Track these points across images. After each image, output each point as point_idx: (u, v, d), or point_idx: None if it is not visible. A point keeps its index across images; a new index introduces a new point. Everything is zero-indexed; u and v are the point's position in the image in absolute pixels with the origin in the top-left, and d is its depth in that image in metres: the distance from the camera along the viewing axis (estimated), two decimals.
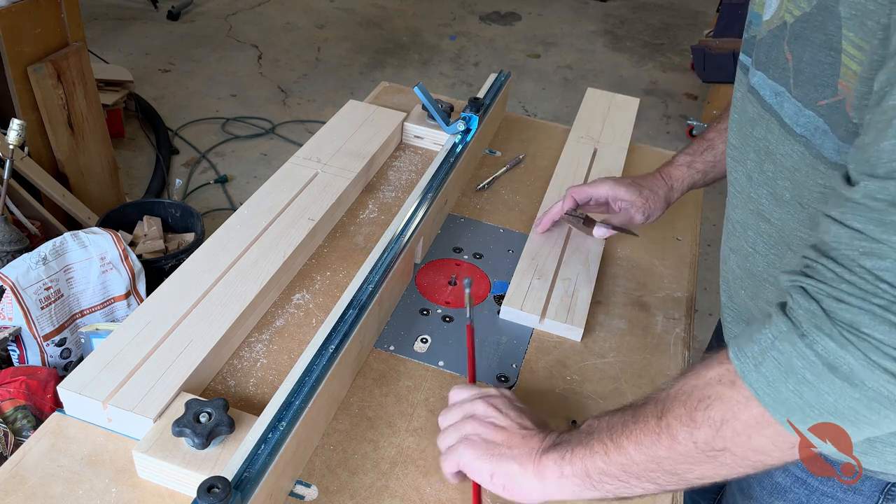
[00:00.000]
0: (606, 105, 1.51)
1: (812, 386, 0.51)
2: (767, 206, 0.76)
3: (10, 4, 1.99)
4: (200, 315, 0.87)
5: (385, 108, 1.37)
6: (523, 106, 3.82)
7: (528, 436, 0.70)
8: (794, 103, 0.67)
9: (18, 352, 1.71)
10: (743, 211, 0.82)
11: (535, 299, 1.00)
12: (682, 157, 1.06)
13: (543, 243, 1.11)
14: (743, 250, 0.83)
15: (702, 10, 5.12)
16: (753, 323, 0.57)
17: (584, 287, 1.04)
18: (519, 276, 1.04)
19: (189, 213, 2.29)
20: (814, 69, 0.62)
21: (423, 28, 4.62)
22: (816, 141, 0.64)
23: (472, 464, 0.70)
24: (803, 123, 0.66)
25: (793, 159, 0.69)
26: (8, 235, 1.86)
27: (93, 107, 2.36)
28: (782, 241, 0.75)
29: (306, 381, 0.77)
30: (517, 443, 0.69)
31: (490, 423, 0.72)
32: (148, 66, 3.82)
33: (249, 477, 0.67)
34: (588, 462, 0.64)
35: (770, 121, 0.72)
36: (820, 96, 0.62)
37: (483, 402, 0.74)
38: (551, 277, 1.05)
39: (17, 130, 1.88)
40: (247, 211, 1.06)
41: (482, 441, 0.71)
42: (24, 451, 0.74)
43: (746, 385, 0.54)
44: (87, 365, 0.79)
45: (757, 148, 0.76)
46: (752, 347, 0.55)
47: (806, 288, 0.52)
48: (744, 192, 0.81)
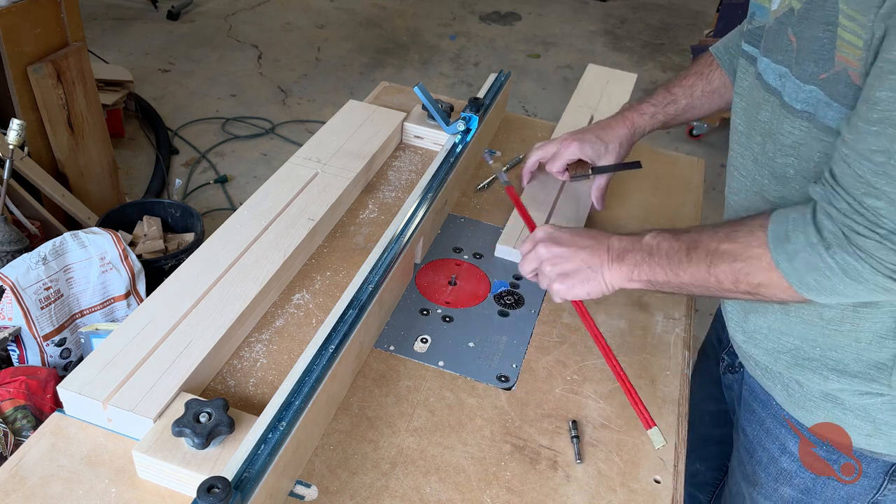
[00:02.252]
0: (605, 79, 1.60)
1: (829, 279, 0.69)
2: (768, 187, 0.80)
3: (10, 4, 1.99)
4: (200, 315, 0.87)
5: (385, 108, 1.37)
6: (523, 106, 3.82)
7: (593, 251, 0.87)
8: (795, 82, 0.72)
9: (18, 352, 1.71)
10: (746, 195, 0.85)
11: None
12: (647, 107, 1.12)
13: (539, 191, 1.22)
14: None
15: (702, 10, 5.12)
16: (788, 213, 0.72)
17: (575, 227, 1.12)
18: (514, 220, 1.15)
19: (189, 213, 2.29)
20: (813, 45, 0.68)
21: (423, 28, 4.62)
22: (819, 113, 0.71)
23: (567, 292, 0.89)
24: (804, 99, 0.71)
25: (794, 136, 0.74)
26: (8, 235, 1.86)
27: (93, 107, 2.35)
28: None
29: (306, 381, 0.77)
30: (587, 261, 0.87)
31: (559, 259, 0.88)
32: (148, 66, 3.82)
33: (249, 477, 0.67)
34: (652, 276, 0.83)
35: (772, 102, 0.77)
36: (820, 70, 0.69)
37: (543, 247, 0.90)
38: (544, 220, 1.15)
39: (17, 130, 1.87)
40: (247, 211, 1.06)
41: (564, 275, 0.88)
42: (24, 451, 0.74)
43: (780, 271, 0.72)
44: (87, 365, 0.79)
45: (762, 131, 0.80)
46: (787, 246, 0.71)
47: (830, 213, 0.68)
48: (749, 175, 0.84)
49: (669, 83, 1.13)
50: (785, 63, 0.74)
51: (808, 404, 0.88)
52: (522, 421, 0.86)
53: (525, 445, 0.83)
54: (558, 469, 0.81)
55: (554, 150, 1.15)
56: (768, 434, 0.96)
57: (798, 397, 0.89)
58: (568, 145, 1.12)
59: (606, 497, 0.79)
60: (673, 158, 1.45)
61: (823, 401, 0.86)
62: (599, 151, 1.12)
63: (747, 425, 1.00)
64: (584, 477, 0.80)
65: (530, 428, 0.85)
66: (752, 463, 1.00)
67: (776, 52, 0.75)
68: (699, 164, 1.44)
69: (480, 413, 0.86)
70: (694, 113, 1.11)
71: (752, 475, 1.00)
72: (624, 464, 0.83)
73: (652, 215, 1.25)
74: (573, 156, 1.13)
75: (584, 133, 1.13)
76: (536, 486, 0.79)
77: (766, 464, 0.97)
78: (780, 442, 0.94)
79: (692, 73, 1.11)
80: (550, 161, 1.16)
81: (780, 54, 0.74)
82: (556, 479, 0.80)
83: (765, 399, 0.95)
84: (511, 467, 0.80)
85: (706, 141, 3.66)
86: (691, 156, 1.47)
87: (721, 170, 3.32)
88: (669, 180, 1.36)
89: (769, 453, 0.96)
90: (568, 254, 0.87)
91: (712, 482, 1.24)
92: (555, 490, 0.79)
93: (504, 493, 0.78)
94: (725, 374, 1.08)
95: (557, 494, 0.78)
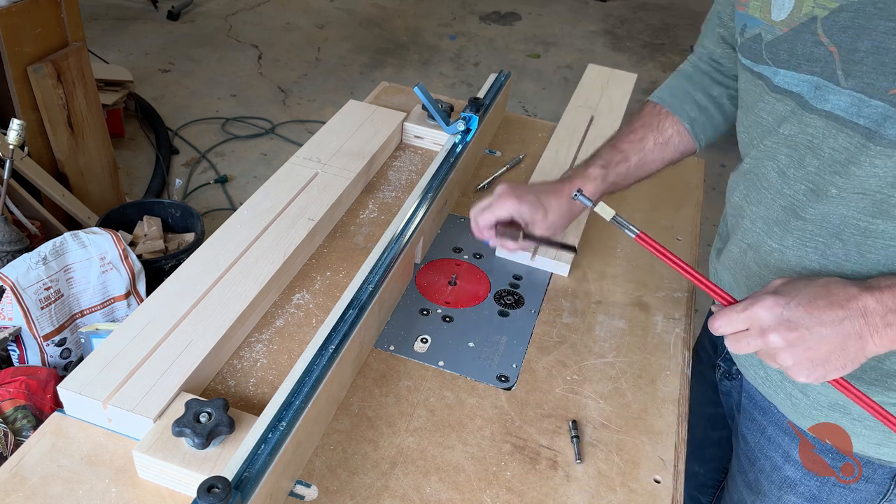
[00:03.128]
0: (605, 79, 1.61)
1: None
2: (804, 203, 0.76)
3: (10, 4, 1.99)
4: (200, 315, 0.87)
5: (385, 108, 1.37)
6: (523, 106, 3.82)
7: (845, 328, 0.67)
8: (851, 95, 0.67)
9: (18, 352, 1.71)
10: (769, 207, 0.81)
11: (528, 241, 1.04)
12: (596, 170, 0.99)
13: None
14: (764, 247, 0.82)
15: (702, 10, 5.12)
16: None
17: (574, 230, 1.14)
18: None
19: (189, 213, 2.29)
20: (880, 58, 0.64)
21: (423, 28, 4.62)
22: (888, 130, 0.66)
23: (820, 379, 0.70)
24: (867, 114, 0.67)
25: (849, 151, 0.70)
26: (8, 235, 1.86)
27: (93, 107, 2.35)
28: (825, 233, 0.75)
29: (306, 381, 0.77)
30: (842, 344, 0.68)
31: (803, 347, 0.68)
32: (148, 66, 3.82)
33: (249, 477, 0.67)
34: None
35: (809, 117, 0.72)
36: (891, 85, 0.64)
37: (776, 336, 0.69)
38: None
39: (17, 130, 1.87)
40: (247, 211, 1.06)
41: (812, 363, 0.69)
42: (24, 451, 0.74)
43: None
44: (87, 365, 0.79)
45: (790, 144, 0.76)
46: None
47: None
48: (773, 188, 0.79)
49: (615, 140, 1.02)
50: (824, 75, 0.69)
51: (813, 413, 0.86)
52: (522, 421, 0.86)
53: (525, 445, 0.83)
54: (558, 469, 0.81)
55: (487, 202, 0.98)
56: (770, 442, 0.95)
57: (803, 406, 0.87)
58: (503, 202, 0.96)
59: (606, 497, 0.79)
60: None
61: (830, 410, 0.84)
62: (535, 217, 0.96)
63: (748, 433, 0.98)
64: (584, 477, 0.80)
65: (530, 428, 0.85)
66: (753, 471, 0.99)
67: (803, 64, 0.71)
68: (699, 164, 1.44)
69: (480, 413, 0.86)
70: (646, 169, 1.02)
71: (754, 483, 0.99)
72: (624, 464, 0.83)
73: (652, 215, 1.25)
74: (506, 214, 0.97)
75: (523, 191, 0.98)
76: (536, 486, 0.79)
77: (768, 472, 0.96)
78: (784, 450, 0.93)
79: (638, 125, 1.02)
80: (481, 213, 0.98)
81: (810, 65, 0.70)
82: (556, 479, 0.80)
83: (765, 406, 0.94)
84: (511, 467, 0.80)
85: None
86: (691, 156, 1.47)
87: (721, 170, 3.32)
88: (669, 180, 1.36)
89: (772, 461, 0.95)
90: (813, 339, 0.67)
91: (713, 484, 1.24)
92: (555, 490, 0.79)
93: (504, 493, 0.78)
94: (722, 381, 1.07)
95: (557, 494, 0.78)
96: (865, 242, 0.73)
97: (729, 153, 4.03)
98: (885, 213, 0.70)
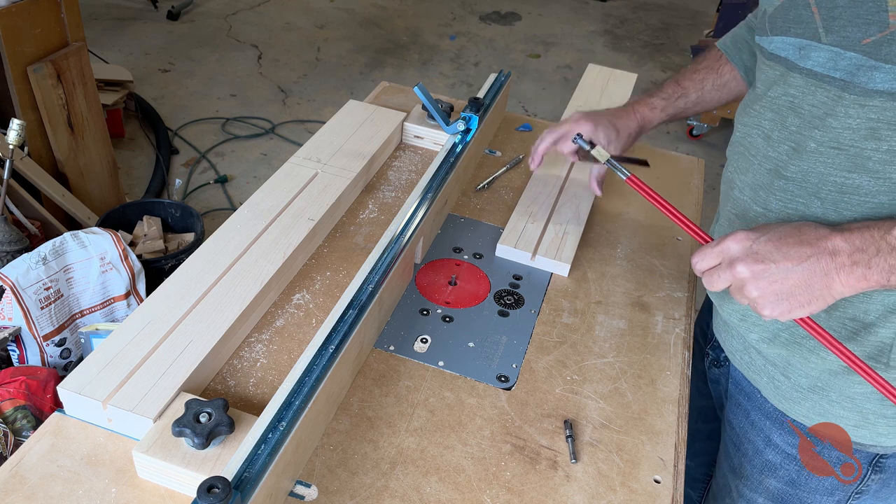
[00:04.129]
0: (606, 79, 1.61)
1: None
2: (786, 162, 0.79)
3: (10, 4, 1.99)
4: (200, 315, 0.87)
5: (385, 108, 1.37)
6: (523, 106, 3.82)
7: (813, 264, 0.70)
8: (829, 49, 0.72)
9: (18, 352, 1.71)
10: (755, 174, 0.84)
11: (528, 239, 1.12)
12: (658, 101, 1.12)
13: (540, 191, 1.23)
14: (750, 213, 0.85)
15: (702, 10, 5.12)
16: None
17: (574, 230, 1.15)
18: (515, 219, 1.16)
19: (189, 213, 2.29)
20: (854, 10, 0.68)
21: (423, 28, 4.62)
22: (861, 79, 0.69)
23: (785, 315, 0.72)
24: (843, 67, 0.71)
25: (827, 105, 0.73)
26: (8, 235, 1.86)
27: (93, 107, 2.35)
28: (805, 192, 0.78)
29: (306, 381, 0.77)
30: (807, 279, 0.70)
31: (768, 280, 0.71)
32: (148, 66, 3.82)
33: (249, 477, 0.67)
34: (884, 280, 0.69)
35: (792, 76, 0.77)
36: (864, 35, 0.68)
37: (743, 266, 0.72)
38: (544, 221, 1.16)
39: (17, 130, 1.87)
40: (247, 211, 1.06)
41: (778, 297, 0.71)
42: (24, 451, 0.74)
43: None
44: (87, 365, 0.79)
45: (774, 107, 0.80)
46: None
47: None
48: (759, 153, 0.83)
49: (679, 76, 1.13)
50: (806, 36, 0.74)
51: (794, 395, 0.89)
52: (522, 421, 0.86)
53: (525, 445, 0.83)
54: (558, 469, 0.81)
55: (566, 129, 1.12)
56: (753, 426, 0.97)
57: (785, 388, 0.90)
58: (582, 126, 1.09)
59: (606, 497, 0.79)
60: (673, 158, 1.45)
61: (810, 392, 0.87)
62: (610, 137, 1.09)
63: (733, 418, 1.01)
64: (584, 477, 0.80)
65: (530, 428, 0.85)
66: (738, 455, 1.01)
67: (791, 27, 0.76)
68: (699, 164, 1.44)
69: (480, 413, 0.86)
70: (703, 106, 1.12)
71: (738, 467, 1.01)
72: (624, 464, 0.83)
73: (652, 215, 1.25)
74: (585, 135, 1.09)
75: (597, 116, 1.11)
76: (536, 486, 0.79)
77: (751, 456, 0.98)
78: (765, 434, 0.95)
79: (701, 67, 1.11)
80: (562, 140, 1.12)
81: (797, 28, 0.75)
82: (556, 478, 0.80)
83: (750, 392, 0.96)
84: (511, 467, 0.80)
85: (706, 141, 3.65)
86: (691, 156, 1.47)
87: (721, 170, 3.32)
88: (669, 180, 1.36)
89: (754, 446, 0.97)
90: (779, 272, 0.70)
91: (702, 478, 1.24)
92: (555, 490, 0.79)
93: (504, 493, 0.78)
94: (711, 369, 1.09)
95: (557, 494, 0.78)
96: (842, 199, 0.75)
97: None
98: (860, 168, 0.73)
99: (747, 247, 0.72)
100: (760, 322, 0.88)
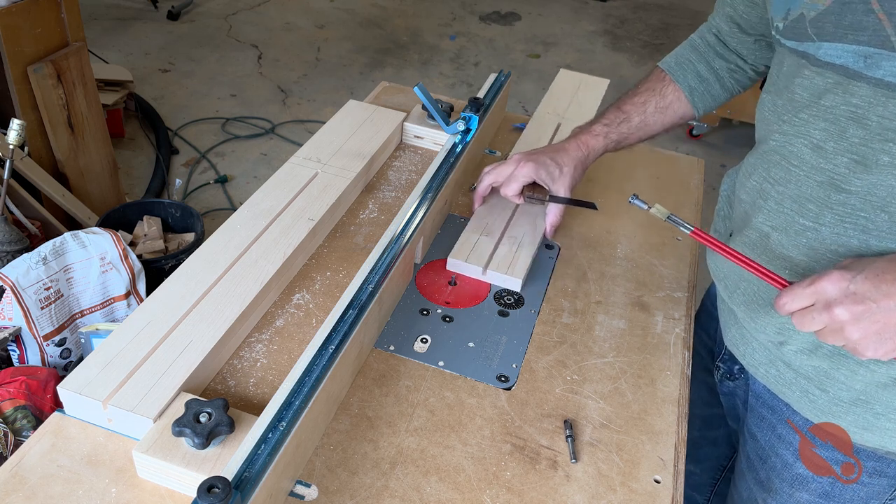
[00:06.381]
0: (576, 85, 1.58)
1: None
2: (846, 175, 0.75)
3: (10, 4, 1.99)
4: (200, 315, 0.87)
5: (385, 108, 1.37)
6: (523, 106, 3.82)
7: None
8: None
9: (18, 352, 1.71)
10: (801, 185, 0.80)
11: (480, 254, 1.08)
12: (600, 127, 1.10)
13: (494, 205, 1.19)
14: (795, 227, 0.81)
15: (702, 10, 5.12)
16: None
17: (528, 245, 1.11)
18: (466, 234, 1.12)
19: (189, 213, 2.29)
20: None
21: (423, 28, 4.62)
22: None
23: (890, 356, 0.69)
24: None
25: None
26: (8, 235, 1.86)
27: (93, 107, 2.36)
28: (869, 206, 0.74)
29: (306, 381, 0.77)
30: None
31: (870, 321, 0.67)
32: (148, 66, 3.82)
33: (249, 477, 0.67)
34: None
35: (855, 86, 0.72)
36: None
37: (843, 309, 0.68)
38: (498, 235, 1.12)
39: (17, 130, 1.87)
40: (247, 211, 1.06)
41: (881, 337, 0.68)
42: (24, 451, 0.74)
43: None
44: (87, 365, 0.79)
45: (830, 117, 0.75)
46: None
47: None
48: (806, 164, 0.79)
49: (620, 101, 1.11)
50: (874, 44, 0.69)
51: (834, 409, 0.85)
52: (522, 421, 0.86)
53: (525, 445, 0.83)
54: (558, 469, 0.81)
55: (508, 171, 1.09)
56: (781, 440, 0.94)
57: (822, 402, 0.86)
58: (523, 167, 1.07)
59: (606, 497, 0.79)
60: (673, 158, 1.45)
61: (852, 405, 0.83)
62: (554, 175, 1.07)
63: (758, 431, 0.98)
64: (584, 477, 0.80)
65: (530, 428, 0.85)
66: (765, 469, 0.98)
67: (850, 34, 0.71)
68: (699, 164, 1.44)
69: (480, 413, 0.86)
70: (647, 130, 1.10)
71: (765, 481, 0.99)
72: (624, 464, 0.83)
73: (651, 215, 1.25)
74: (528, 178, 1.08)
75: (538, 155, 1.08)
76: (536, 485, 0.79)
77: (780, 470, 0.96)
78: (795, 447, 0.93)
79: (643, 89, 1.09)
80: (505, 184, 1.09)
81: (859, 35, 0.70)
82: (556, 478, 0.80)
83: (773, 405, 0.94)
84: (511, 467, 0.81)
85: (706, 141, 3.66)
86: (691, 156, 1.47)
87: (721, 170, 3.32)
88: (669, 180, 1.36)
89: (783, 459, 0.95)
90: (880, 311, 0.66)
91: (709, 483, 1.24)
92: (555, 490, 0.79)
93: (504, 493, 0.78)
94: (723, 382, 1.06)
95: (557, 494, 0.78)
96: None
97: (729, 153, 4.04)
98: None
99: (844, 287, 0.68)
100: (800, 334, 0.84)
